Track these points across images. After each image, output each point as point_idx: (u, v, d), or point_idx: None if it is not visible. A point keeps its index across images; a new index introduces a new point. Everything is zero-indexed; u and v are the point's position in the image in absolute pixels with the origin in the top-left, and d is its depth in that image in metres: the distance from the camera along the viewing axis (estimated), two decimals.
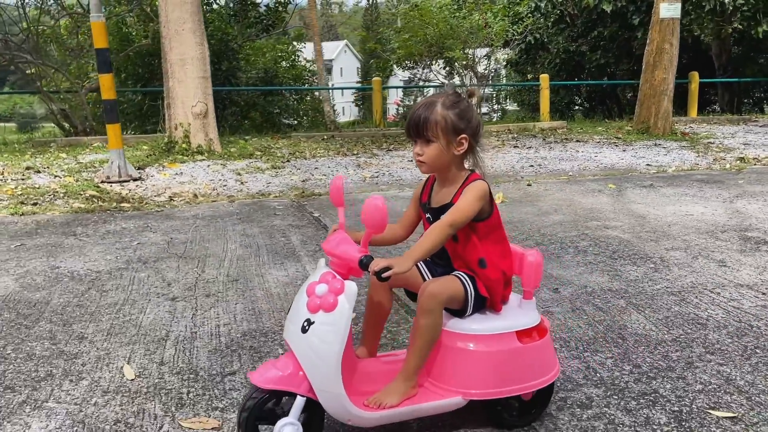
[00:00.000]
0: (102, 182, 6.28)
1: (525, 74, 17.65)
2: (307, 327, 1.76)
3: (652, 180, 6.20)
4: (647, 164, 7.18)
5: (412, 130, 1.92)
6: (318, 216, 4.88)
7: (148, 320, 2.89)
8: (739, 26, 12.32)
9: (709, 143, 8.78)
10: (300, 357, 1.77)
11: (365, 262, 1.74)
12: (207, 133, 8.04)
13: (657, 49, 9.38)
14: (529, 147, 8.72)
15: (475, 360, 1.88)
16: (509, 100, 22.64)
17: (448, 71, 13.44)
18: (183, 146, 7.91)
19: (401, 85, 22.58)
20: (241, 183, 6.38)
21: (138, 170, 6.75)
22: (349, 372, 1.84)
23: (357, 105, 40.39)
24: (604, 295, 3.10)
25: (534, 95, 17.62)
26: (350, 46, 59.06)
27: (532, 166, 7.17)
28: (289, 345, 1.81)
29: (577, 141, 9.24)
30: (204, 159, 7.63)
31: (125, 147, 6.93)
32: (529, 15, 14.37)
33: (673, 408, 2.08)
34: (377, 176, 6.72)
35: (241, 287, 3.30)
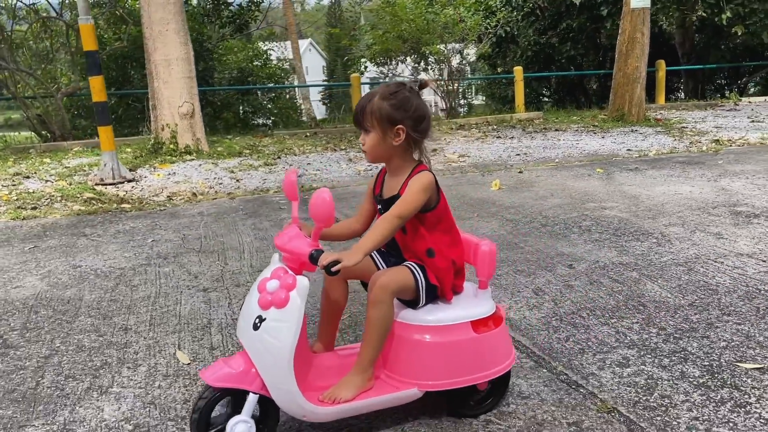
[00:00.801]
0: (96, 185, 6.27)
1: (496, 68, 17.91)
2: (259, 324, 1.73)
3: (636, 164, 6.44)
4: (628, 149, 7.44)
5: (355, 120, 1.96)
6: None
7: (186, 310, 2.97)
8: (703, 14, 12.72)
9: (683, 128, 9.10)
10: (252, 354, 1.74)
11: (315, 256, 1.71)
12: (194, 133, 8.06)
13: (629, 39, 9.68)
14: (512, 137, 8.93)
15: (430, 351, 1.87)
16: (479, 94, 22.89)
17: (423, 67, 13.58)
18: (170, 147, 7.91)
19: (375, 81, 22.69)
20: (237, 180, 6.44)
21: (130, 172, 6.75)
22: (304, 367, 1.83)
23: (324, 104, 40.32)
24: (617, 269, 3.28)
25: (504, 88, 17.91)
26: (315, 45, 58.90)
27: (519, 155, 7.37)
28: (242, 342, 1.79)
29: (556, 130, 9.48)
30: (193, 159, 7.66)
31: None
32: (501, 8, 14.61)
33: (704, 363, 2.26)
34: (370, 169, 6.84)
35: None
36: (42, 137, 11.01)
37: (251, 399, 1.75)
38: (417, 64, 13.60)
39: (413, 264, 1.95)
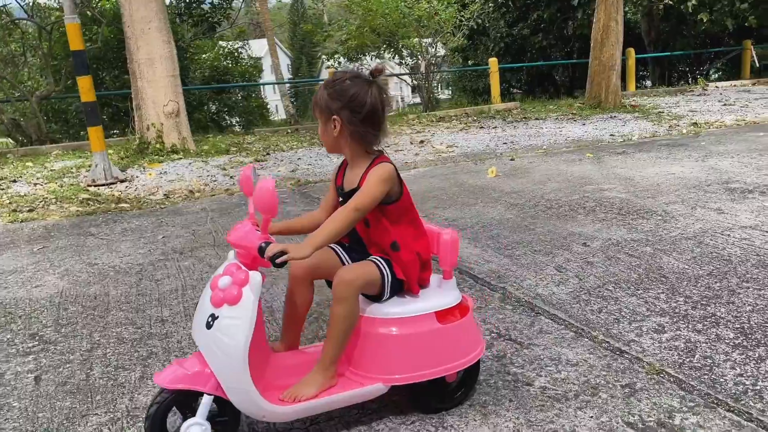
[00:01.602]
0: (89, 186, 6.21)
1: (467, 60, 18.09)
2: (212, 322, 1.68)
3: (623, 148, 6.61)
4: (611, 135, 7.62)
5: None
6: None
7: None
8: (669, 2, 13.04)
9: (659, 113, 9.35)
10: (206, 354, 1.69)
11: (263, 248, 1.65)
12: (180, 132, 8.01)
13: (604, 27, 9.89)
14: (494, 127, 9.07)
15: (394, 344, 1.82)
16: (448, 88, 23.08)
17: (398, 61, 13.67)
18: (157, 147, 7.85)
19: None
20: (230, 177, 6.43)
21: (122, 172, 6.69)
22: (261, 366, 1.76)
23: (291, 101, 40.21)
24: (630, 245, 3.40)
25: (475, 81, 18.10)
26: (279, 43, 58.51)
27: (506, 144, 7.49)
28: (197, 342, 1.74)
29: (536, 119, 9.65)
30: (181, 158, 7.61)
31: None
32: (474, 1, 14.76)
33: (735, 325, 2.38)
34: None
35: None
36: (18, 142, 10.80)
37: (206, 400, 1.69)
38: (392, 58, 13.69)
39: (379, 258, 1.89)
